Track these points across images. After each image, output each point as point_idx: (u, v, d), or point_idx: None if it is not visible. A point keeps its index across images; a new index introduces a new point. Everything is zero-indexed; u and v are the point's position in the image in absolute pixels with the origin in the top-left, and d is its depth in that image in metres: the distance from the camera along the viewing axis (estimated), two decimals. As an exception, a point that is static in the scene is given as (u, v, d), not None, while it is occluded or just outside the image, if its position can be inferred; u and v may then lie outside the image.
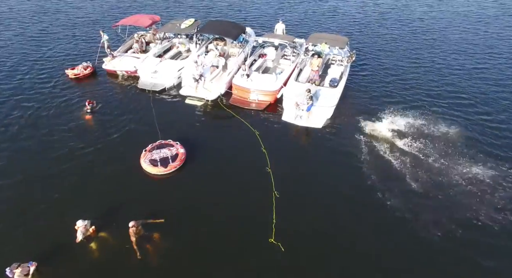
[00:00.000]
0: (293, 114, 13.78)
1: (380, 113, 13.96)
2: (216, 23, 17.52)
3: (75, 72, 16.99)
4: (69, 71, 16.97)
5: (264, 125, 13.64)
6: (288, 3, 26.80)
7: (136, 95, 15.79)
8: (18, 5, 26.45)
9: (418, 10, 25.89)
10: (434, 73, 17.50)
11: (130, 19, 18.08)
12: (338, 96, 14.19)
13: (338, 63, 16.56)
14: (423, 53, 19.57)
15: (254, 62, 16.97)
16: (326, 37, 16.08)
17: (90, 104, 14.06)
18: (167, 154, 11.64)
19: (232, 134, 13.24)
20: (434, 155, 11.95)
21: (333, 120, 13.89)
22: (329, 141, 12.89)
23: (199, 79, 15.28)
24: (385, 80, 16.70)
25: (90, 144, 12.53)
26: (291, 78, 15.24)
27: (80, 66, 17.26)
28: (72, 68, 17.14)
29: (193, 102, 15.14)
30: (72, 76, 16.88)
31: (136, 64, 16.87)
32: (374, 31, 22.32)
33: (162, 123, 13.44)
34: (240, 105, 14.80)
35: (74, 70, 17.04)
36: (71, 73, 16.93)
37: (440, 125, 13.40)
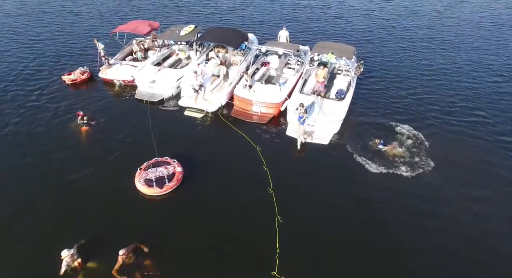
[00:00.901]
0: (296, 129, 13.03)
1: (390, 132, 13.13)
2: (217, 30, 16.80)
3: (72, 77, 16.42)
4: (65, 77, 16.41)
5: (266, 141, 12.89)
6: (292, 10, 25.85)
7: (133, 106, 15.09)
8: (16, 9, 25.83)
9: (426, 16, 24.85)
10: (448, 87, 16.37)
11: (128, 26, 17.38)
12: (345, 109, 13.42)
13: (344, 73, 15.80)
14: (435, 64, 18.56)
15: (256, 71, 16.24)
16: (332, 47, 15.31)
17: (80, 116, 13.34)
18: (163, 173, 10.90)
19: (232, 150, 12.48)
20: (448, 179, 11.10)
21: (340, 136, 13.08)
22: (335, 160, 12.07)
23: (199, 90, 14.55)
24: (394, 94, 15.69)
25: (80, 161, 11.79)
26: (295, 90, 14.49)
27: (77, 71, 16.66)
28: (69, 73, 16.60)
29: (193, 114, 14.42)
30: (68, 82, 16.33)
31: (134, 73, 16.18)
32: (380, 40, 21.37)
33: (159, 137, 12.75)
34: (242, 118, 14.05)
35: (71, 76, 16.48)
36: (68, 78, 16.37)
37: (456, 148, 12.35)
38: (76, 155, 12.11)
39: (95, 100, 15.34)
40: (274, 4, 26.82)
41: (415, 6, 26.82)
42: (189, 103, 14.70)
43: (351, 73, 14.83)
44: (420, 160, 11.80)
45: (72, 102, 15.04)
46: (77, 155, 12.11)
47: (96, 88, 16.47)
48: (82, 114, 13.36)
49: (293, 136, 13.00)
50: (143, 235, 9.23)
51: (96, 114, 14.12)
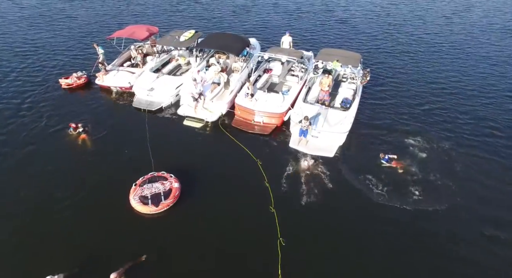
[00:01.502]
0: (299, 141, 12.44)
1: (397, 145, 12.49)
2: (218, 36, 16.21)
3: (68, 82, 16.03)
4: (62, 81, 16.04)
5: (268, 154, 12.29)
6: (295, 14, 25.14)
7: (131, 114, 14.56)
8: (13, 13, 25.33)
9: (434, 22, 24.05)
10: (459, 97, 15.53)
11: (126, 31, 16.83)
12: (351, 120, 12.80)
13: (349, 81, 15.18)
14: (443, 72, 17.74)
15: (258, 78, 15.67)
16: (337, 54, 14.71)
17: (72, 127, 12.81)
18: (159, 189, 10.33)
19: (232, 164, 11.89)
20: (465, 205, 10.39)
21: (344, 149, 12.44)
22: (339, 178, 11.33)
23: (199, 98, 13.99)
24: (401, 104, 14.99)
25: (72, 175, 11.27)
26: (299, 99, 13.90)
27: (74, 76, 16.21)
28: (66, 77, 16.20)
29: (192, 124, 13.86)
30: (65, 86, 15.93)
31: (131, 79, 15.64)
32: (386, 46, 20.67)
33: (157, 148, 12.21)
34: (243, 128, 13.47)
35: (68, 80, 16.07)
36: (64, 82, 15.99)
37: (471, 170, 11.52)
38: (68, 168, 11.55)
39: (91, 108, 14.82)
40: (277, 8, 26.19)
41: (422, 10, 26.07)
42: (188, 112, 14.14)
43: (357, 82, 14.21)
44: (430, 178, 11.18)
45: (67, 109, 14.52)
46: (69, 168, 11.55)
47: (93, 94, 15.95)
48: (74, 126, 12.82)
49: (296, 149, 12.41)
50: (137, 256, 8.69)
51: (91, 123, 13.58)
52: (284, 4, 26.72)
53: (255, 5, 26.63)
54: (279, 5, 26.62)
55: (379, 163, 11.64)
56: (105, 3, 26.68)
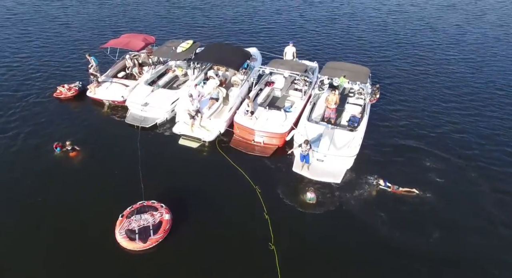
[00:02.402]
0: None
1: (404, 170, 11.49)
2: (216, 48, 15.19)
3: (61, 91, 15.29)
4: (59, 90, 15.36)
5: (268, 179, 11.32)
6: (299, 23, 23.64)
7: (123, 131, 13.62)
8: (3, 20, 24.40)
9: (446, 32, 22.47)
10: (480, 121, 14.10)
11: (120, 41, 15.92)
12: (359, 142, 11.79)
13: (357, 96, 14.17)
14: (460, 89, 16.18)
15: (260, 92, 14.71)
16: (344, 68, 13.70)
17: (58, 147, 11.90)
18: (148, 222, 9.38)
19: (229, 191, 10.90)
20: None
21: (350, 174, 11.45)
22: (347, 206, 10.44)
23: (196, 116, 13.04)
24: (411, 125, 13.75)
25: (55, 201, 10.36)
26: (302, 117, 12.91)
27: (65, 87, 15.39)
28: (63, 86, 15.43)
29: (188, 143, 12.91)
30: (57, 95, 15.25)
31: (124, 93, 14.71)
32: (395, 58, 19.24)
33: (149, 171, 11.30)
34: (242, 149, 12.51)
35: (60, 89, 15.33)
36: (54, 93, 15.32)
37: (492, 205, 10.40)
38: (52, 193, 10.64)
39: (81, 123, 13.92)
40: (280, 16, 24.68)
41: (432, 18, 24.60)
42: (184, 131, 13.20)
43: (365, 99, 13.19)
44: (441, 212, 10.19)
45: (56, 124, 13.68)
46: (52, 193, 10.64)
47: (84, 108, 15.05)
48: (60, 145, 11.91)
49: (299, 174, 11.44)
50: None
51: (81, 140, 12.63)
52: (287, 11, 25.43)
53: (256, 12, 25.27)
54: (282, 12, 25.30)
55: (378, 188, 10.78)
56: (100, 9, 25.39)
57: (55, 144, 11.92)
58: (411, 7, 26.54)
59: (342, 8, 26.21)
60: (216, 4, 26.54)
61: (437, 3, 27.41)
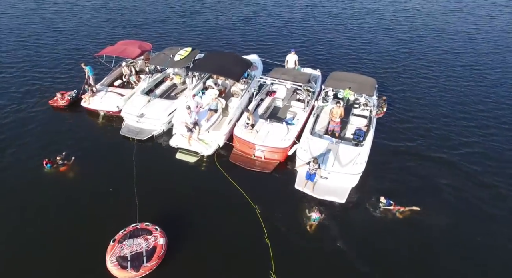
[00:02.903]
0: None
1: (411, 189, 10.87)
2: (215, 57, 14.56)
3: (56, 98, 14.83)
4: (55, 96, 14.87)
5: (269, 197, 10.73)
6: (301, 30, 22.65)
7: (118, 144, 13.05)
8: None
9: (455, 39, 21.50)
10: (497, 138, 13.16)
11: (116, 49, 15.34)
12: (365, 158, 11.16)
13: (362, 108, 13.57)
14: (476, 105, 15.15)
15: (260, 102, 14.11)
16: (349, 79, 13.09)
17: (48, 164, 11.35)
18: (141, 247, 8.79)
19: (228, 211, 10.28)
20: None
21: (355, 193, 10.85)
22: (351, 226, 9.86)
23: (193, 128, 12.47)
24: (422, 143, 12.87)
25: (43, 223, 9.77)
26: (305, 130, 12.31)
27: (58, 95, 14.84)
28: (58, 94, 14.89)
29: (185, 158, 12.34)
30: (52, 103, 14.77)
31: (120, 103, 14.14)
32: (401, 68, 18.27)
33: (143, 188, 10.76)
34: (242, 164, 11.92)
35: (54, 98, 14.87)
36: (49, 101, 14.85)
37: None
38: (41, 212, 10.07)
39: (75, 134, 13.33)
40: (282, 22, 23.83)
41: (438, 23, 23.80)
42: (182, 144, 12.63)
43: (372, 112, 12.59)
44: (450, 235, 9.61)
45: (48, 136, 13.13)
46: (41, 212, 10.07)
47: (78, 118, 14.48)
48: (51, 161, 11.33)
49: (302, 191, 10.85)
50: None
51: (73, 153, 12.03)
52: (288, 17, 24.65)
53: (257, 18, 24.51)
54: (283, 18, 24.52)
55: (381, 208, 10.20)
56: (97, 14, 24.66)
57: (45, 160, 11.33)
58: (416, 12, 25.80)
59: (345, 13, 25.46)
60: (215, 9, 25.83)
61: (443, 7, 26.72)
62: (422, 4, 27.26)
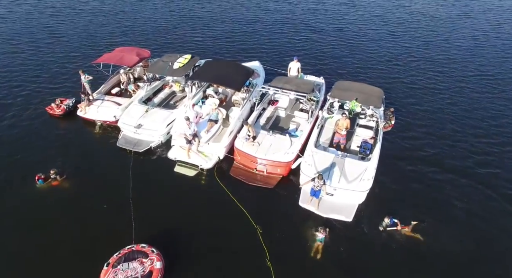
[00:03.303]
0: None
1: (427, 215, 10.21)
2: (216, 66, 14.01)
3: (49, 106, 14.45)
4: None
5: (272, 215, 10.22)
6: (303, 36, 21.92)
7: (114, 155, 12.56)
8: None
9: (463, 46, 20.62)
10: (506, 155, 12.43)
11: (113, 56, 14.84)
12: (372, 173, 10.63)
13: (368, 118, 13.05)
14: (485, 112, 14.59)
15: (262, 111, 13.62)
16: (354, 89, 12.55)
17: (40, 179, 10.85)
18: (137, 271, 8.28)
19: (227, 230, 9.73)
20: None
21: (361, 211, 10.32)
22: (358, 247, 9.35)
23: (193, 140, 11.96)
24: (431, 158, 12.21)
25: (32, 244, 9.24)
26: (309, 142, 11.77)
27: (56, 101, 14.45)
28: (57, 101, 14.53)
29: (184, 171, 11.84)
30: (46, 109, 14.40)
31: (117, 113, 13.65)
32: (407, 75, 17.57)
33: (140, 205, 10.32)
34: (243, 179, 11.41)
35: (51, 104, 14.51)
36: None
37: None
38: (30, 232, 9.57)
39: (70, 145, 12.83)
40: (284, 28, 23.02)
41: (445, 28, 23.04)
42: (180, 156, 12.12)
43: (379, 124, 12.05)
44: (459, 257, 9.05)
45: (42, 147, 12.65)
46: (31, 232, 9.57)
47: (73, 128, 13.99)
48: (43, 177, 10.82)
49: (307, 209, 10.33)
50: None
51: (67, 165, 11.66)
52: (291, 22, 23.89)
53: (259, 24, 23.75)
54: (285, 23, 23.75)
55: (386, 228, 9.68)
56: (95, 19, 23.98)
57: (37, 175, 10.82)
58: (421, 17, 25.18)
59: (349, 19, 24.70)
60: (216, 14, 25.13)
61: (449, 11, 26.12)
62: (427, 8, 26.69)
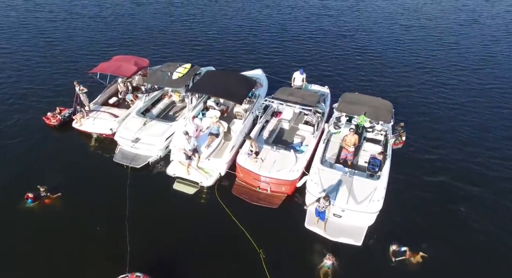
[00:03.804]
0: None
1: (441, 241, 9.57)
2: (217, 77, 13.37)
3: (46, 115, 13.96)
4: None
5: (276, 238, 9.62)
6: (307, 43, 21.10)
7: (110, 172, 11.98)
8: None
9: (474, 52, 19.77)
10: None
11: (110, 66, 14.25)
12: (383, 193, 10.02)
13: (376, 132, 12.46)
14: (503, 130, 13.69)
15: (265, 124, 13.04)
16: (363, 102, 11.90)
17: (29, 199, 10.27)
18: (131, 304, 7.70)
19: (228, 255, 9.15)
20: None
21: (369, 235, 9.68)
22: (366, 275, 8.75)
23: (193, 156, 11.38)
24: (442, 176, 11.58)
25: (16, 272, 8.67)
26: (315, 159, 11.17)
27: (56, 110, 14.04)
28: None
29: (183, 189, 11.27)
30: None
31: (114, 125, 13.08)
32: (417, 86, 16.68)
33: (136, 227, 9.73)
34: (246, 198, 10.82)
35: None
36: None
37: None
38: (15, 258, 8.98)
39: (63, 160, 12.23)
40: (287, 35, 22.19)
41: (453, 36, 22.03)
42: (180, 173, 11.54)
43: (388, 140, 11.44)
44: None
45: (33, 161, 12.09)
46: (15, 259, 8.97)
47: (68, 140, 13.42)
48: (32, 196, 10.23)
49: (313, 231, 9.73)
50: None
51: (59, 182, 11.07)
52: (294, 29, 23.00)
53: (261, 30, 22.93)
54: (288, 30, 22.85)
55: (396, 258, 9.01)
56: (94, 24, 23.28)
57: (27, 194, 10.21)
58: (428, 22, 24.36)
59: (354, 26, 23.68)
60: (218, 20, 24.29)
61: (456, 17, 25.24)
62: (434, 14, 25.96)
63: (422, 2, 27.85)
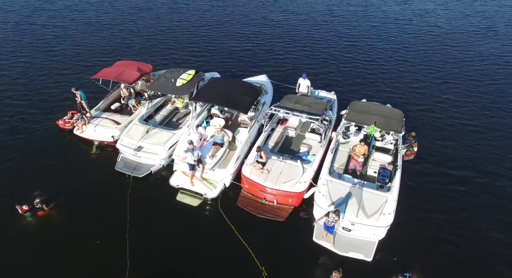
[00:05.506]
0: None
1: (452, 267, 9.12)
2: (221, 85, 12.95)
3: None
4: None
5: (282, 252, 9.28)
6: (312, 48, 20.66)
7: (111, 182, 11.61)
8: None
9: (491, 62, 18.95)
10: None
11: (113, 72, 13.96)
12: (393, 206, 9.64)
13: (386, 141, 12.09)
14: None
15: (271, 132, 12.71)
16: (372, 111, 11.54)
17: (24, 211, 9.94)
18: (132, 325, 7.35)
19: (230, 272, 8.81)
20: None
21: (381, 250, 9.31)
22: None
23: (196, 166, 11.04)
24: (457, 194, 11.00)
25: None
26: (323, 169, 10.80)
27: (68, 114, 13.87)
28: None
29: (187, 200, 10.94)
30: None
31: (115, 133, 12.80)
32: (428, 93, 16.13)
33: (137, 240, 9.42)
34: (252, 210, 10.46)
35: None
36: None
37: None
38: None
39: (62, 169, 11.91)
40: (292, 41, 21.60)
41: (469, 45, 21.00)
42: (183, 184, 11.22)
43: (399, 150, 11.08)
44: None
45: (30, 169, 11.77)
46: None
47: (69, 148, 13.10)
48: (26, 208, 9.91)
49: (321, 245, 9.37)
50: None
51: (56, 192, 10.76)
52: (299, 35, 22.46)
53: (266, 35, 22.41)
54: (294, 36, 22.27)
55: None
56: (95, 31, 22.84)
57: (20, 207, 9.88)
58: (436, 29, 23.68)
59: (360, 31, 23.14)
60: (222, 26, 23.81)
61: (470, 24, 24.26)
62: (444, 20, 25.29)
63: (432, 8, 27.33)
